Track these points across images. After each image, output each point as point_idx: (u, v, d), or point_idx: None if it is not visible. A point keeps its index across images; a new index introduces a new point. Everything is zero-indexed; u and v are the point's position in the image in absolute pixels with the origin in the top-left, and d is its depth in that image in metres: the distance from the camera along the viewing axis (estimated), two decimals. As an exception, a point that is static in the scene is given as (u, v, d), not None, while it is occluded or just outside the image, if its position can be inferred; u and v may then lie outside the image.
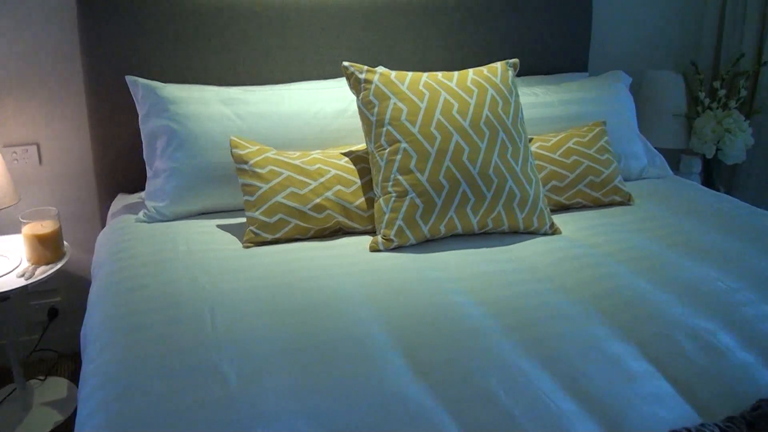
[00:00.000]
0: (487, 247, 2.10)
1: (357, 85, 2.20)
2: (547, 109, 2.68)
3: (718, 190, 3.19)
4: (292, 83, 2.61)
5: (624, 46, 3.37)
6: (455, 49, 2.84)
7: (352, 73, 2.20)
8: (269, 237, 2.08)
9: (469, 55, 2.85)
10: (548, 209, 2.25)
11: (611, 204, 2.48)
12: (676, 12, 3.48)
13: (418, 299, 1.74)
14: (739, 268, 1.98)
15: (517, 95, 2.30)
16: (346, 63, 2.21)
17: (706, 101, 3.21)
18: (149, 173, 2.36)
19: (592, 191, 2.43)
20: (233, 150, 2.16)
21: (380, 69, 2.23)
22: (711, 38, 3.51)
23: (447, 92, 2.18)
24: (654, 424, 1.31)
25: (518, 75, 2.89)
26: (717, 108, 3.18)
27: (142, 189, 2.46)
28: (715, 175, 3.29)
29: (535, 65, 3.01)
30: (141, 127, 2.37)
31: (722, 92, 3.20)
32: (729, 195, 3.04)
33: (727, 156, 3.11)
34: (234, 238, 2.13)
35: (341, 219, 2.14)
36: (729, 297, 1.80)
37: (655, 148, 3.11)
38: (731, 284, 1.87)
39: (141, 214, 2.28)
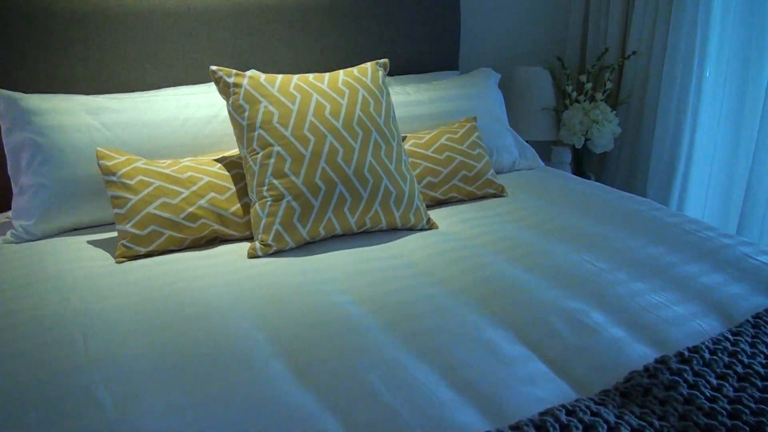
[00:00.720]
0: (366, 245, 2.10)
1: (226, 90, 2.16)
2: (419, 108, 2.72)
3: (588, 178, 3.33)
4: (161, 90, 2.53)
5: (493, 43, 3.46)
6: (328, 52, 2.84)
7: (221, 78, 2.16)
8: (142, 250, 2.01)
9: (341, 57, 2.86)
10: (424, 205, 2.28)
11: (485, 197, 2.54)
12: (542, 10, 3.60)
13: (298, 303, 1.72)
14: (608, 250, 2.07)
15: (388, 95, 2.32)
16: (214, 67, 2.17)
17: (574, 94, 3.34)
18: (15, 190, 2.22)
19: (466, 185, 2.48)
20: (100, 161, 2.07)
21: (249, 72, 2.20)
22: (576, 34, 3.66)
23: (318, 94, 2.17)
24: (531, 404, 1.34)
25: (391, 75, 2.92)
26: (584, 100, 3.32)
27: (9, 208, 2.33)
28: (585, 163, 3.43)
29: (408, 65, 3.04)
30: (4, 141, 2.22)
31: (589, 85, 3.34)
32: (599, 182, 3.19)
33: (596, 145, 3.24)
34: (106, 253, 2.04)
35: (217, 227, 2.10)
36: (600, 278, 1.88)
37: (527, 140, 3.21)
38: (601, 266, 1.95)
39: (8, 235, 2.15)
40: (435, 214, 2.36)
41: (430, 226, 2.25)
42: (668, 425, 1.29)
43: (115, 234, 2.13)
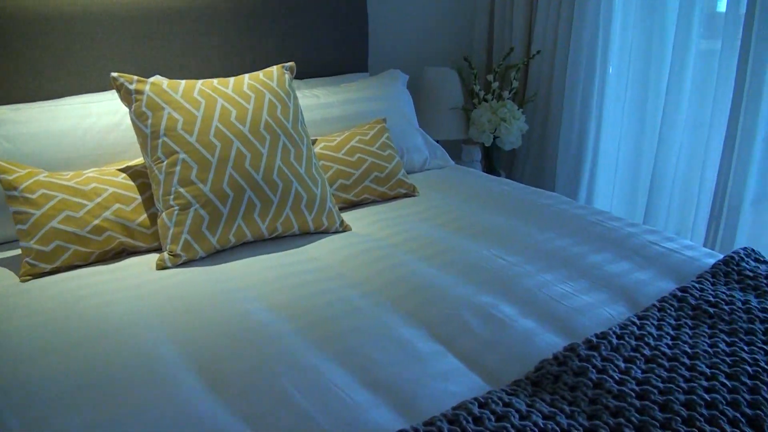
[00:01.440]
0: (279, 251, 2.08)
1: (128, 97, 2.10)
2: (329, 110, 2.71)
3: (499, 175, 3.39)
4: (64, 98, 2.43)
5: (401, 45, 3.48)
6: (234, 56, 2.79)
7: (122, 84, 2.10)
8: (48, 267, 1.93)
9: (248, 61, 2.82)
10: (337, 208, 2.27)
11: (397, 197, 2.55)
12: (449, 12, 3.65)
13: (210, 313, 1.69)
14: (517, 244, 2.11)
15: (295, 98, 2.30)
16: (114, 74, 2.10)
17: (482, 94, 3.39)
18: None
19: (378, 186, 2.49)
20: (0, 176, 1.98)
21: (152, 78, 2.14)
22: (483, 35, 3.73)
23: (224, 99, 2.13)
24: (445, 399, 1.35)
25: (300, 78, 2.90)
26: (492, 99, 3.37)
27: None
28: (495, 160, 3.49)
29: (316, 68, 3.03)
30: None
31: (496, 84, 3.39)
32: (509, 178, 3.24)
33: (504, 143, 3.30)
34: (10, 272, 1.95)
35: (124, 239, 2.03)
36: (509, 271, 1.91)
37: (437, 140, 3.25)
38: (511, 259, 1.99)
39: None
40: (348, 216, 2.36)
41: (344, 228, 2.25)
42: (579, 410, 1.32)
43: (19, 251, 2.04)
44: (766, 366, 1.50)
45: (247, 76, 2.27)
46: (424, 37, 3.57)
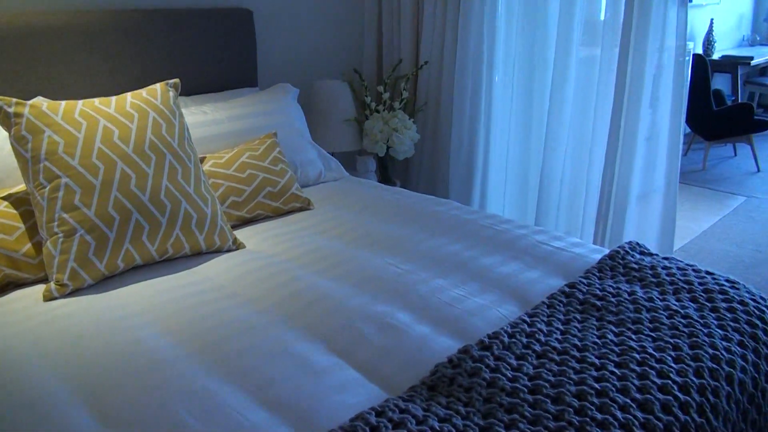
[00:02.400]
0: (171, 273, 2.02)
1: (7, 120, 2.00)
2: (217, 126, 2.67)
3: (394, 184, 3.42)
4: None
5: (292, 59, 3.47)
6: (120, 74, 2.70)
7: (0, 107, 2.00)
8: (-77, 305, 1.83)
9: (133, 79, 2.73)
10: (229, 225, 2.23)
11: (292, 211, 2.53)
12: (338, 25, 3.66)
13: (100, 343, 1.62)
14: (412, 251, 2.13)
15: (181, 115, 2.26)
16: (-11, 97, 2.00)
17: (373, 105, 3.42)
18: None
19: (271, 201, 2.46)
20: None
21: (32, 100, 2.06)
22: (372, 47, 3.76)
23: (106, 119, 2.07)
24: (343, 411, 1.35)
25: (187, 94, 2.84)
26: (383, 110, 3.40)
27: None
28: (390, 170, 3.52)
29: (205, 83, 2.97)
30: None
31: (386, 95, 3.43)
32: (404, 187, 3.27)
33: (398, 152, 3.33)
34: None
35: (8, 271, 1.93)
36: (404, 279, 1.93)
37: (332, 152, 3.25)
38: (405, 267, 2.01)
39: None
40: (242, 234, 2.32)
41: (237, 246, 2.21)
42: (474, 410, 1.34)
43: None
44: (653, 352, 1.58)
45: (129, 94, 2.21)
46: (314, 50, 3.58)
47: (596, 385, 1.42)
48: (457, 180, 3.42)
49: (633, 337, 1.65)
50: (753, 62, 6.74)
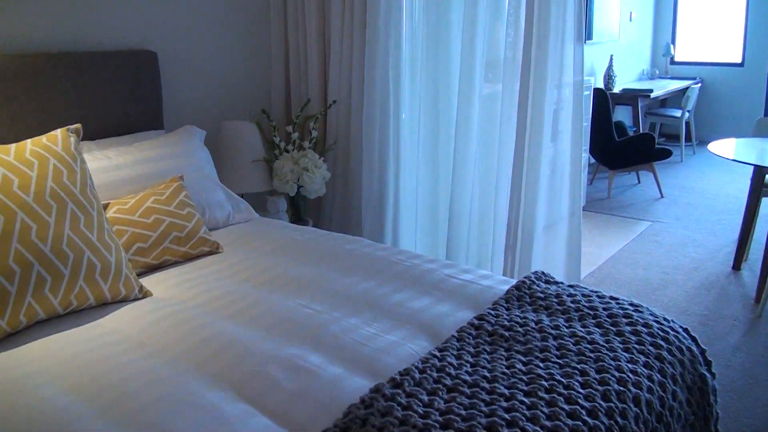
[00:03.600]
0: (76, 326, 1.95)
1: None
2: (122, 171, 2.62)
3: (306, 224, 3.41)
4: None
5: (199, 100, 3.45)
6: (20, 120, 2.59)
7: None
8: None
9: (35, 124, 2.63)
10: (134, 273, 2.18)
11: (201, 255, 2.48)
12: (245, 66, 3.66)
13: (1, 406, 1.54)
14: (323, 291, 2.12)
15: (83, 161, 2.20)
16: None
17: (282, 145, 3.42)
18: None
19: (178, 247, 2.42)
20: None
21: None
22: (280, 87, 3.77)
23: (5, 167, 2.00)
24: (254, 461, 1.32)
25: (91, 139, 2.77)
26: (293, 150, 3.40)
27: None
28: (302, 209, 3.51)
29: (109, 127, 2.90)
30: None
31: (296, 135, 3.43)
32: (316, 226, 3.27)
33: (309, 191, 3.34)
34: None
35: None
36: (316, 320, 1.92)
37: (242, 193, 3.22)
38: (317, 308, 2.00)
39: None
40: (149, 281, 2.27)
41: (144, 294, 2.15)
42: (386, 451, 1.34)
43: None
44: (561, 379, 1.61)
45: (29, 141, 2.14)
46: (221, 91, 3.56)
47: (506, 416, 1.44)
48: (370, 217, 3.44)
49: (541, 365, 1.68)
50: (653, 95, 7.08)
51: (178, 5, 3.29)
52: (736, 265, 4.42)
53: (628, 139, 6.26)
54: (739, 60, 8.61)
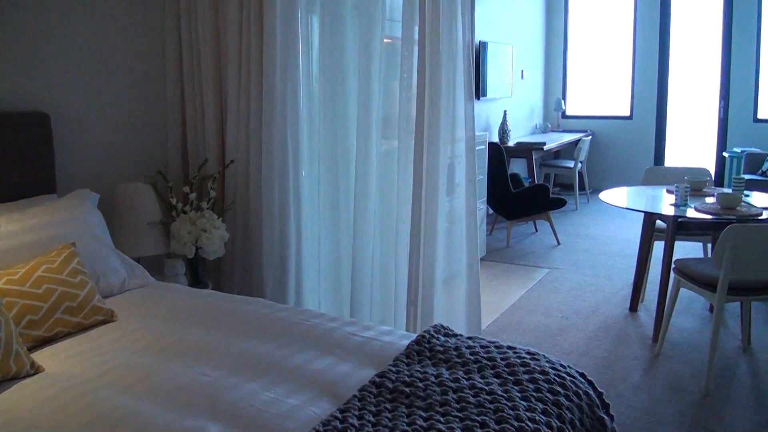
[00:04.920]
0: (-41, 409, 1.85)
1: None
2: (11, 240, 2.51)
3: (206, 286, 3.35)
4: None
5: (93, 163, 3.37)
6: None
7: None
8: None
9: None
10: (25, 349, 2.08)
11: (95, 325, 2.39)
12: (140, 126, 3.61)
13: None
14: (222, 357, 2.08)
15: (-34, 233, 2.12)
16: None
17: (180, 206, 3.37)
18: None
19: (71, 317, 2.33)
20: None
21: None
22: (177, 148, 3.73)
23: None
24: None
25: (-23, 208, 2.67)
26: (191, 210, 3.36)
27: None
28: (201, 272, 3.45)
29: (-1, 193, 2.82)
30: None
31: (193, 195, 3.39)
32: (217, 289, 3.22)
33: (208, 253, 3.29)
34: None
35: None
36: (214, 388, 1.88)
37: (139, 257, 3.14)
38: (215, 374, 1.96)
39: None
40: (41, 355, 2.16)
41: (36, 370, 2.05)
42: None
43: None
44: (461, 432, 1.63)
45: None
46: (116, 153, 3.49)
47: (407, 474, 1.44)
48: (272, 277, 3.41)
49: (441, 419, 1.70)
50: (546, 147, 7.37)
51: (71, 65, 3.24)
52: (633, 307, 4.59)
53: (524, 190, 6.48)
54: (627, 113, 9.11)
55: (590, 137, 8.68)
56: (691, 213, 3.93)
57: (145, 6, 3.60)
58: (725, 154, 8.07)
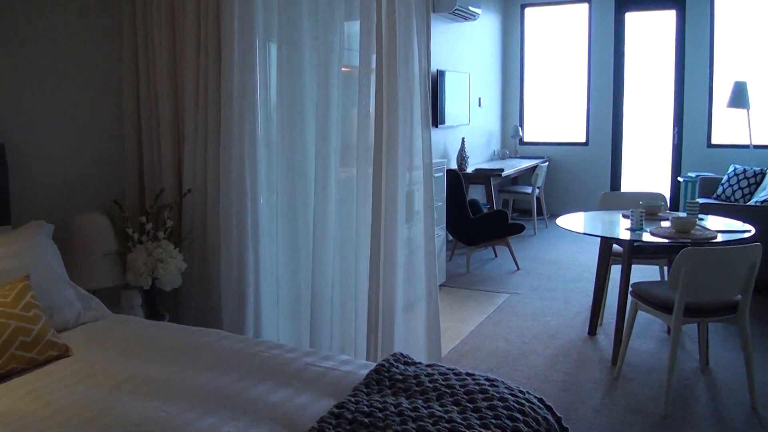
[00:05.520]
0: None
1: None
2: (-38, 276, 2.47)
3: (162, 318, 3.31)
4: None
5: (49, 193, 3.32)
6: None
7: None
8: None
9: None
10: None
11: (49, 360, 2.34)
12: (97, 156, 3.57)
13: None
14: (178, 391, 2.05)
15: None
16: None
17: (136, 236, 3.33)
18: None
19: (25, 353, 2.27)
20: None
21: None
22: (133, 178, 3.69)
23: None
24: None
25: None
26: (147, 241, 3.32)
27: None
28: (158, 303, 3.40)
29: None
30: None
31: (149, 226, 3.35)
32: (173, 320, 3.18)
33: (164, 283, 3.24)
34: None
35: None
36: (170, 423, 1.85)
37: (94, 289, 3.08)
38: (171, 409, 1.92)
39: None
40: (-8, 393, 2.11)
41: (-13, 408, 2.00)
42: None
43: None
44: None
45: None
46: (72, 183, 3.44)
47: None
48: (230, 307, 3.37)
49: (401, 450, 1.69)
50: (504, 173, 7.45)
51: (26, 94, 3.20)
52: (592, 331, 4.63)
53: (483, 216, 6.54)
54: (583, 139, 9.27)
55: (547, 163, 8.81)
56: (646, 237, 4.00)
57: (103, 35, 3.58)
58: (680, 179, 8.25)
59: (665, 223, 4.27)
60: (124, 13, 3.58)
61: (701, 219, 4.36)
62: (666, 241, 3.90)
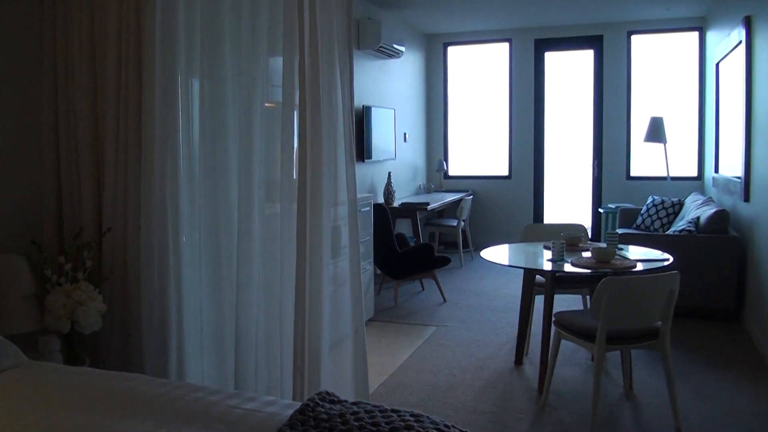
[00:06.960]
0: None
1: None
2: None
3: (82, 363, 3.18)
4: None
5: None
6: None
7: None
8: None
9: None
10: None
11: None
12: (12, 193, 3.43)
13: None
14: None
15: None
16: None
17: (54, 277, 3.21)
18: None
19: (-71, 404, 2.16)
20: None
21: None
22: (51, 216, 3.56)
23: None
24: None
25: None
26: (66, 282, 3.20)
27: None
28: (78, 347, 3.28)
29: None
30: None
31: (68, 266, 3.24)
32: (93, 365, 3.06)
33: (84, 327, 3.12)
34: None
35: None
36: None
37: (10, 335, 2.95)
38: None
39: None
40: None
41: None
42: None
43: None
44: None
45: None
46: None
47: None
48: (152, 349, 3.26)
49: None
50: (429, 207, 7.54)
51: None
52: (518, 360, 4.70)
53: (410, 250, 6.58)
54: (506, 173, 9.48)
55: (471, 197, 8.96)
56: (568, 268, 4.09)
57: (23, 68, 3.47)
58: (600, 210, 8.49)
59: (586, 254, 4.37)
60: (45, 48, 3.49)
61: (621, 249, 4.49)
62: (587, 271, 4.00)
